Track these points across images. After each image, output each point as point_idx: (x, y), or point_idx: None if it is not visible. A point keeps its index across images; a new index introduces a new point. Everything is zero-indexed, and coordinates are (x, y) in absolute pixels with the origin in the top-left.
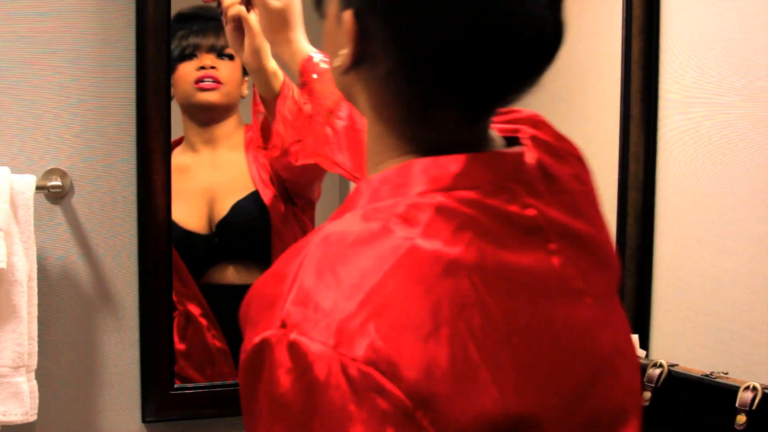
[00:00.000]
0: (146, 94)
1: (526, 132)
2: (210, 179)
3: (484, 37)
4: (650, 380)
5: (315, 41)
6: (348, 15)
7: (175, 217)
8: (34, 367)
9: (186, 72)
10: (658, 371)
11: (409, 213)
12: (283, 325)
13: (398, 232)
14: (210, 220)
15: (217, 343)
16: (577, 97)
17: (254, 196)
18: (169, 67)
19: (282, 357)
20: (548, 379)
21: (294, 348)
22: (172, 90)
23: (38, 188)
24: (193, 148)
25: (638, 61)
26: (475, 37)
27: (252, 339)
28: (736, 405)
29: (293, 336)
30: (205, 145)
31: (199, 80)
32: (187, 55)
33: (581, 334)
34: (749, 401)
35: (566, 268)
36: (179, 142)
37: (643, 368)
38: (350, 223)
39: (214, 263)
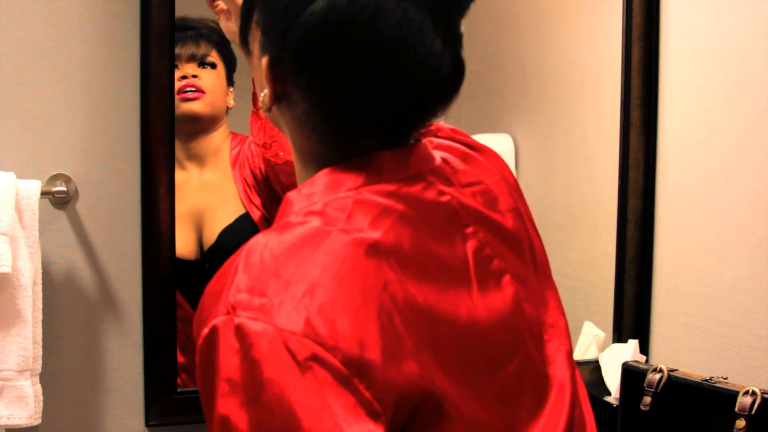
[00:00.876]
0: (150, 99)
1: (430, 140)
2: (198, 201)
3: (384, 86)
4: (650, 385)
5: None
6: (265, 61)
7: None
8: (39, 370)
9: None
10: (658, 376)
11: (333, 208)
12: (228, 312)
13: (324, 226)
14: (199, 245)
15: None
16: (578, 103)
17: (245, 218)
18: (173, 73)
19: (230, 340)
20: (462, 350)
21: (239, 330)
22: None
23: (43, 193)
24: (180, 164)
25: (638, 68)
26: (375, 87)
27: (202, 332)
28: (736, 410)
29: (238, 320)
30: (191, 161)
31: (182, 90)
32: None
33: (499, 309)
34: (748, 406)
35: (484, 250)
36: None
37: (643, 373)
38: (282, 225)
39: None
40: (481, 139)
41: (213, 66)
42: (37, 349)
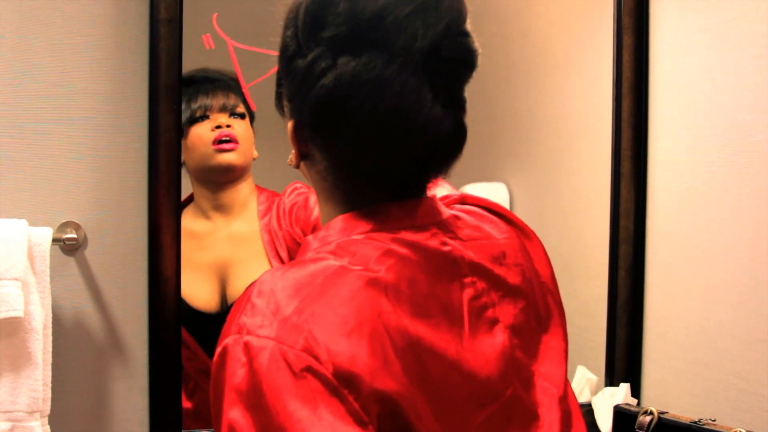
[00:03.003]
0: (157, 150)
1: (453, 206)
2: (224, 253)
3: (387, 149)
4: (641, 427)
5: None
6: (290, 125)
7: (185, 293)
8: (48, 412)
9: (201, 133)
10: (648, 418)
11: (342, 248)
12: (238, 332)
13: (331, 260)
14: (222, 298)
15: None
16: (570, 154)
17: None
18: (179, 125)
19: (238, 355)
20: (446, 385)
21: (246, 346)
22: (183, 155)
23: (54, 240)
24: (205, 214)
25: (628, 121)
26: (379, 149)
27: (216, 351)
28: None
29: (246, 337)
30: (217, 212)
31: (218, 141)
32: (199, 117)
33: (487, 353)
34: None
35: (480, 298)
36: (188, 200)
37: (634, 416)
38: (296, 262)
39: None
40: (477, 188)
41: (242, 116)
42: (46, 390)
